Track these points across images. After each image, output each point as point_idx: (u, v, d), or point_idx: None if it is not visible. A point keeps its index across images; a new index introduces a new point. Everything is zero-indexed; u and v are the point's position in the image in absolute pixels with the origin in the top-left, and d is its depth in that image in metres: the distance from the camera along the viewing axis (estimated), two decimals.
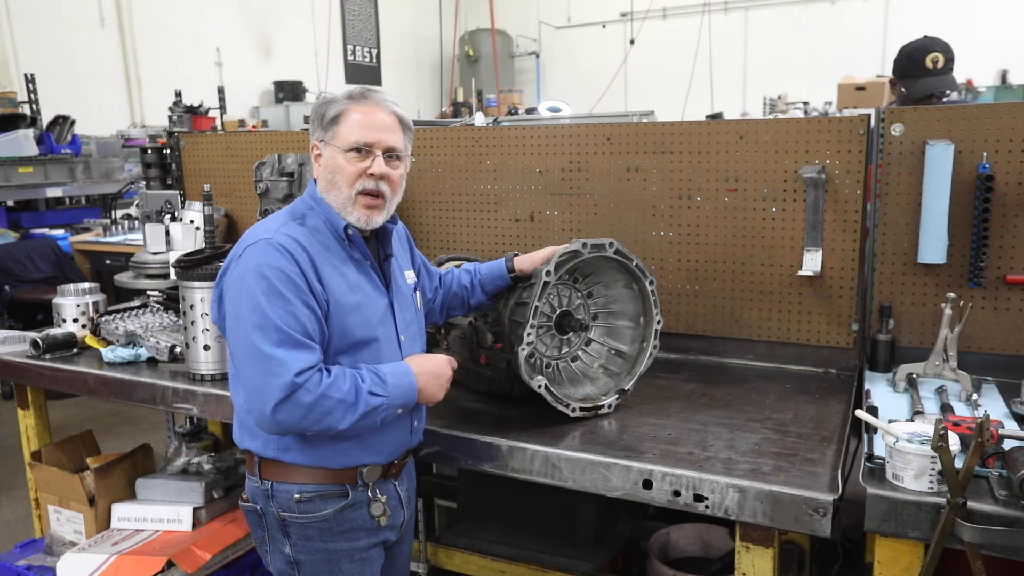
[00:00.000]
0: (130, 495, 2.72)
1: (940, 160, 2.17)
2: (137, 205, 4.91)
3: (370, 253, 1.80)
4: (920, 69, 3.15)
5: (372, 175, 1.72)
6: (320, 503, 1.73)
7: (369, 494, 1.77)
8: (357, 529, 1.77)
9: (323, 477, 1.73)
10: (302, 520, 1.73)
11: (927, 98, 3.14)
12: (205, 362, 2.35)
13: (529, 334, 1.95)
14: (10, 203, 6.51)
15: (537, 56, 14.19)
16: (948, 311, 2.12)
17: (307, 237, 1.69)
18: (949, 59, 3.15)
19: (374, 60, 12.97)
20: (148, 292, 3.09)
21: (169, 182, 3.70)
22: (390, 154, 1.74)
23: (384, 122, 1.74)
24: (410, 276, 1.94)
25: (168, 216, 3.28)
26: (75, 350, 2.72)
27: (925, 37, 3.24)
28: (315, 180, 1.81)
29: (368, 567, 1.81)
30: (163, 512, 2.61)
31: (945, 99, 3.18)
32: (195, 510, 2.60)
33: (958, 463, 1.46)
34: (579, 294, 2.22)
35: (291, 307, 1.60)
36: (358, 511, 1.76)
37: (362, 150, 1.71)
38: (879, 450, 1.66)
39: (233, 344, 1.66)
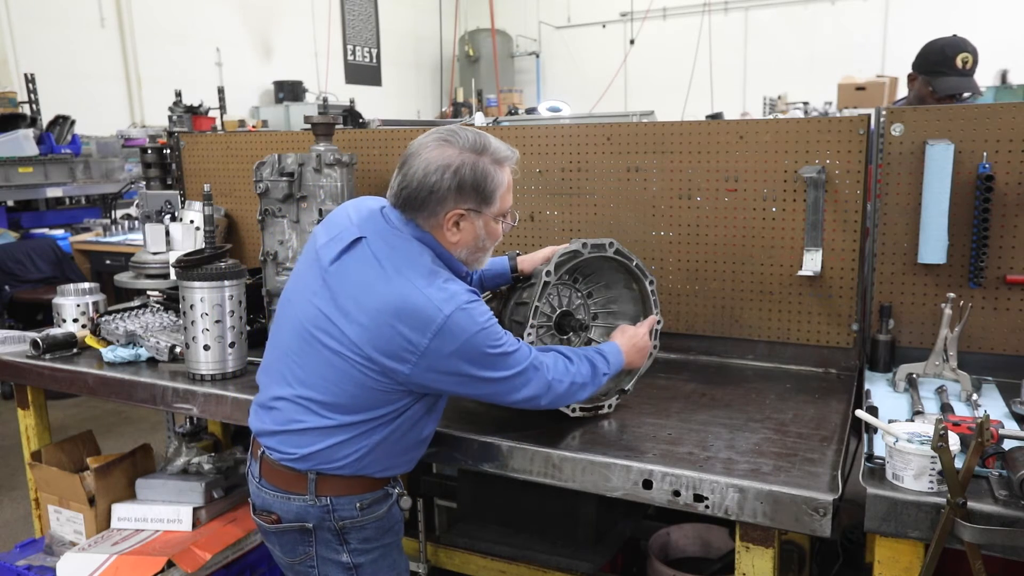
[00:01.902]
0: (130, 495, 2.72)
1: (940, 160, 2.16)
2: (137, 205, 4.92)
3: None
4: (950, 67, 3.13)
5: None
6: (377, 506, 1.82)
7: (397, 490, 1.87)
8: (396, 523, 1.89)
9: (374, 484, 1.81)
10: (363, 523, 1.80)
11: (950, 97, 3.13)
12: (205, 362, 2.35)
13: (529, 334, 1.95)
14: (10, 203, 6.51)
15: (537, 56, 14.19)
16: (948, 311, 2.12)
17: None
18: (976, 62, 3.15)
19: (374, 60, 12.97)
20: (148, 292, 3.09)
21: (169, 182, 3.69)
22: None
23: None
24: None
25: (168, 216, 3.28)
26: (75, 350, 2.72)
27: (955, 36, 3.22)
28: (448, 243, 1.74)
29: (404, 555, 1.96)
30: (163, 512, 2.61)
31: (962, 101, 3.17)
32: (195, 510, 2.60)
33: (958, 463, 1.46)
34: (579, 294, 2.22)
35: (502, 335, 1.72)
36: (395, 507, 1.87)
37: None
38: (879, 450, 1.66)
39: (482, 392, 1.75)
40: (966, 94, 3.15)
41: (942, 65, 3.15)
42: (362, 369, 1.67)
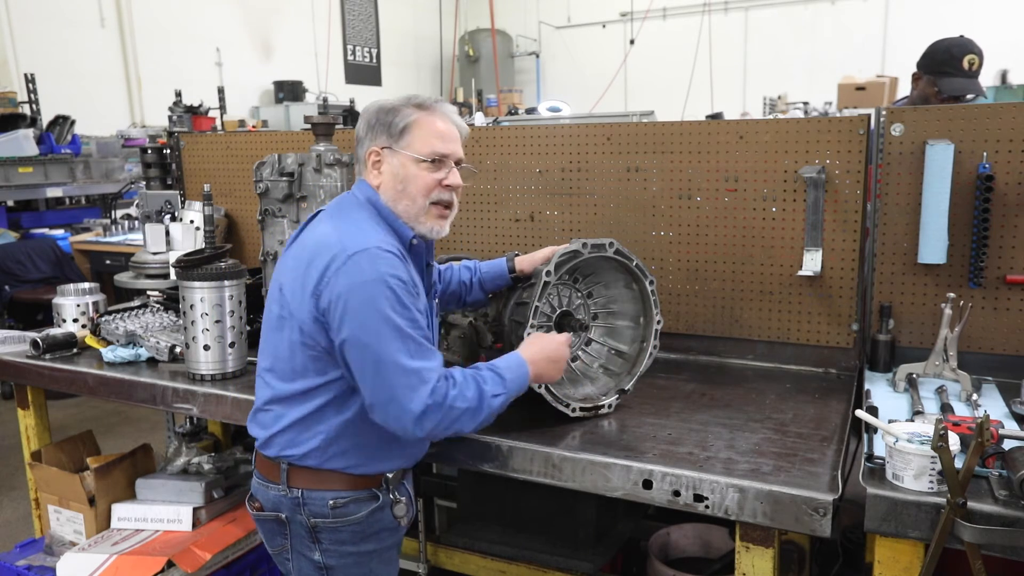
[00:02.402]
0: (130, 495, 2.72)
1: (940, 160, 2.17)
2: (137, 205, 4.91)
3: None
4: (957, 68, 3.13)
5: (449, 187, 1.76)
6: (354, 507, 1.76)
7: (391, 496, 1.80)
8: (383, 530, 1.81)
9: (354, 483, 1.76)
10: (336, 524, 1.75)
11: (954, 98, 3.13)
12: (205, 362, 2.35)
13: (529, 334, 1.95)
14: (10, 203, 6.51)
15: (537, 56, 14.19)
16: (948, 311, 2.12)
17: (393, 241, 1.72)
18: (981, 64, 3.15)
19: (374, 60, 12.97)
20: (148, 292, 3.09)
21: (169, 182, 3.69)
22: (458, 164, 1.79)
23: (454, 133, 1.78)
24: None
25: (168, 216, 3.28)
26: (75, 350, 2.72)
27: (962, 37, 3.22)
28: (373, 187, 1.77)
29: (393, 566, 1.88)
30: (163, 512, 2.61)
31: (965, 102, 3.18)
32: (195, 510, 2.60)
33: (958, 463, 1.46)
34: (579, 294, 2.22)
35: (413, 315, 1.63)
36: (384, 512, 1.80)
37: (436, 161, 1.74)
38: (879, 450, 1.66)
39: (357, 355, 1.61)
40: (970, 96, 3.15)
41: (948, 65, 3.14)
42: (290, 323, 1.69)
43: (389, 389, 1.60)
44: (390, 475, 1.80)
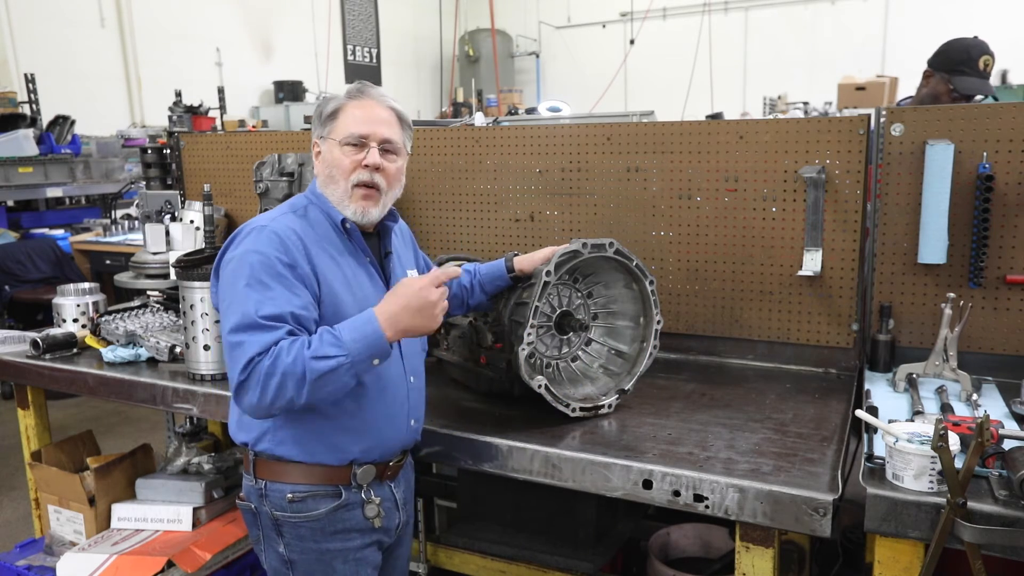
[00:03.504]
0: (130, 495, 2.72)
1: (940, 160, 2.17)
2: (137, 205, 4.91)
3: (370, 250, 1.81)
4: (973, 68, 3.15)
5: (367, 166, 1.73)
6: (312, 503, 1.74)
7: (363, 496, 1.77)
8: (350, 530, 1.77)
9: (316, 477, 1.73)
10: (295, 520, 1.74)
11: (966, 97, 3.14)
12: (205, 362, 2.35)
13: (529, 334, 1.95)
14: (10, 203, 6.52)
15: (537, 56, 14.19)
16: (948, 311, 2.12)
17: (303, 227, 1.72)
18: (993, 65, 3.19)
19: (374, 60, 12.97)
20: (148, 292, 3.09)
21: (169, 182, 3.70)
22: (386, 147, 1.76)
23: (380, 116, 1.77)
24: (412, 275, 1.94)
25: (168, 216, 3.29)
26: (75, 350, 2.72)
27: (976, 38, 3.24)
28: (316, 176, 1.84)
29: (362, 567, 1.81)
30: (163, 512, 2.61)
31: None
32: (195, 510, 2.60)
33: (958, 463, 1.46)
34: (579, 294, 2.22)
35: (270, 293, 1.60)
36: (351, 512, 1.77)
37: (357, 143, 1.74)
38: (879, 450, 1.66)
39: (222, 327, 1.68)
40: (979, 96, 3.16)
41: (965, 65, 3.15)
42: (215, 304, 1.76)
43: (227, 362, 1.61)
44: (358, 471, 1.75)
